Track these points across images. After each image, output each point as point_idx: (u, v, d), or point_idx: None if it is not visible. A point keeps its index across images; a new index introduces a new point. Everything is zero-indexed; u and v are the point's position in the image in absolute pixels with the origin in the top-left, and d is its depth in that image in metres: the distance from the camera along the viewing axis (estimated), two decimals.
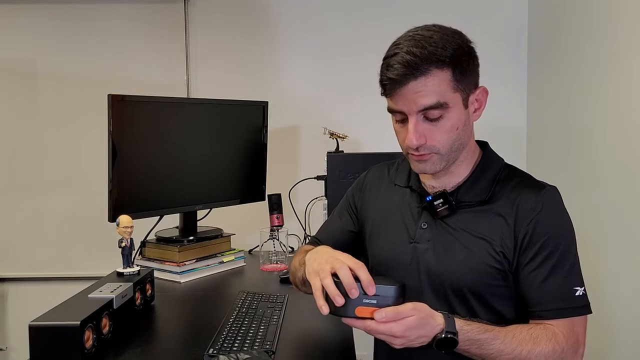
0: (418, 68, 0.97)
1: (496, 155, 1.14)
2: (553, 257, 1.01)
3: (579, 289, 1.02)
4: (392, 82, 1.00)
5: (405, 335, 0.91)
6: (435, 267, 1.07)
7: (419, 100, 0.99)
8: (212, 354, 1.09)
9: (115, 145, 1.58)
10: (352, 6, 2.40)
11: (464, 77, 1.01)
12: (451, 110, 1.01)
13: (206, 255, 1.82)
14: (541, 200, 1.03)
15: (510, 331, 0.98)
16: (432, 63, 0.98)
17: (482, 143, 1.15)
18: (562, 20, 2.08)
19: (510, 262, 1.03)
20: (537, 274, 1.01)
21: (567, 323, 1.00)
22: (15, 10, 2.37)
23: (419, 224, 1.11)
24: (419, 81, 0.98)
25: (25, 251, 2.44)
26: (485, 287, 1.04)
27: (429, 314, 0.94)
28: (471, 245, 1.04)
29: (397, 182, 1.20)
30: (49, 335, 1.03)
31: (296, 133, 2.43)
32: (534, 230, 1.02)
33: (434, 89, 0.98)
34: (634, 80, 1.59)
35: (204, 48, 2.42)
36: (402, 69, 0.98)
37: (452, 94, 1.00)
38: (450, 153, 1.04)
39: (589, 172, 1.86)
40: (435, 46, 0.98)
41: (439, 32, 1.01)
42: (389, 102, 1.05)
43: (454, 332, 0.93)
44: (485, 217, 1.05)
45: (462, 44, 1.02)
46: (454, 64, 0.99)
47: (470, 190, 1.08)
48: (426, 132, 1.01)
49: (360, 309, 0.90)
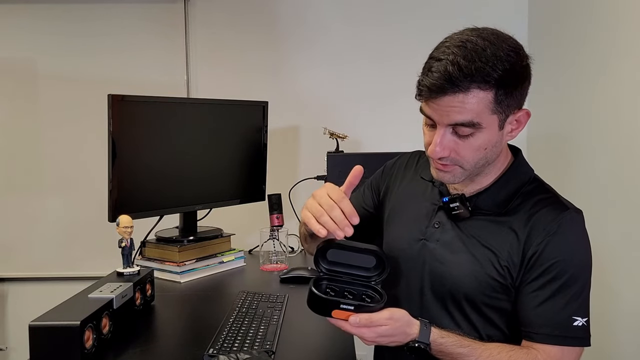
0: (459, 84, 0.90)
1: (526, 165, 1.10)
2: (557, 282, 0.97)
3: (579, 320, 0.97)
4: (429, 90, 0.93)
5: (376, 340, 0.95)
6: (438, 268, 1.06)
7: (451, 115, 0.93)
8: (212, 354, 1.09)
9: (115, 145, 1.58)
10: (353, 7, 2.40)
11: (507, 99, 0.94)
12: (484, 131, 0.95)
13: (206, 255, 1.81)
14: (558, 222, 0.98)
15: (488, 349, 0.97)
16: (476, 82, 0.90)
17: (515, 149, 1.11)
18: (562, 20, 2.08)
19: (514, 278, 1.01)
20: (537, 295, 0.99)
21: (556, 351, 0.97)
22: (15, 10, 2.37)
23: (432, 222, 1.10)
24: (456, 97, 0.91)
25: (25, 251, 2.44)
26: (482, 297, 1.02)
27: (405, 323, 0.95)
28: (477, 254, 1.03)
29: (423, 174, 1.18)
30: (49, 335, 1.03)
31: (296, 133, 2.43)
32: (542, 251, 0.98)
33: (471, 108, 0.92)
34: (634, 80, 1.59)
35: (204, 48, 2.42)
36: (441, 80, 0.91)
37: (489, 115, 0.94)
38: (473, 169, 1.01)
39: (589, 173, 1.86)
40: (484, 62, 0.90)
41: (494, 44, 0.92)
42: (423, 103, 0.99)
43: (426, 343, 0.95)
44: (498, 229, 1.03)
45: (516, 65, 0.94)
46: (500, 85, 0.92)
47: (490, 198, 1.05)
48: (452, 145, 0.97)
49: (337, 312, 0.93)
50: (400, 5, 2.36)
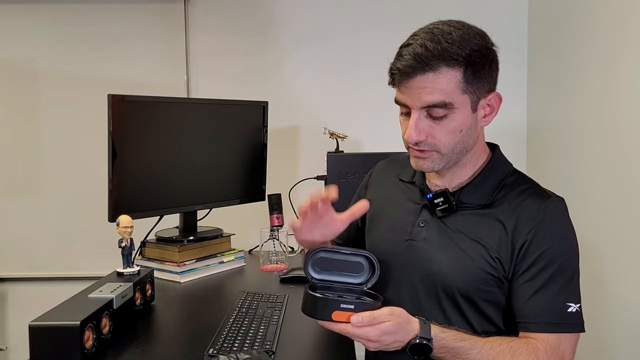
0: (428, 63, 0.95)
1: (505, 159, 1.12)
2: (548, 270, 0.99)
3: (573, 306, 0.99)
4: (400, 72, 0.98)
5: (380, 340, 0.92)
6: (428, 267, 1.06)
7: (423, 97, 0.97)
8: (212, 354, 1.09)
9: (115, 145, 1.58)
10: (352, 8, 2.40)
11: (476, 79, 0.98)
12: (457, 112, 0.98)
13: (206, 255, 1.82)
14: (543, 210, 1.01)
15: (489, 342, 0.97)
16: (443, 60, 0.95)
17: (492, 145, 1.13)
18: (562, 19, 2.08)
19: (506, 270, 1.01)
20: (530, 285, 0.99)
21: (553, 339, 0.98)
22: (15, 10, 2.37)
23: (417, 222, 1.10)
24: (426, 77, 0.96)
25: (25, 251, 2.44)
26: (476, 292, 1.02)
27: (405, 319, 0.94)
28: (467, 248, 1.03)
29: (403, 177, 1.19)
30: (49, 335, 1.03)
31: (296, 133, 2.43)
32: (532, 241, 0.99)
33: (441, 87, 0.96)
34: (634, 79, 1.59)
35: (204, 48, 2.42)
36: (411, 60, 0.96)
37: (459, 95, 0.97)
38: (451, 154, 1.02)
39: (589, 172, 1.86)
40: (451, 43, 0.95)
41: (460, 29, 0.98)
42: (397, 92, 1.03)
43: (428, 338, 0.93)
44: (485, 222, 1.04)
45: (482, 46, 0.98)
46: (467, 64, 0.96)
47: (472, 192, 1.07)
48: (427, 129, 1.00)
49: (337, 314, 0.91)
50: (400, 7, 2.36)
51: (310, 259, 1.00)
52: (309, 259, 1.00)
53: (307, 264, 1.00)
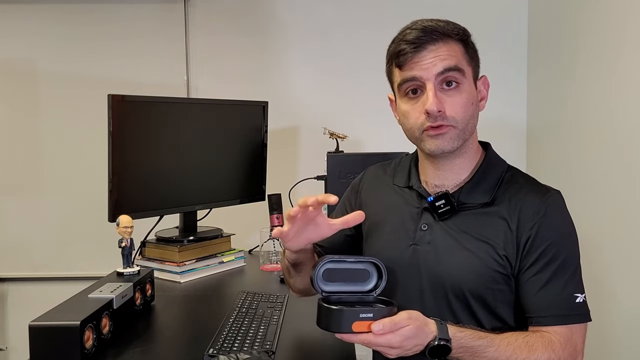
0: (438, 35, 1.01)
1: (498, 156, 1.13)
2: (554, 263, 1.00)
3: (580, 296, 1.00)
4: (411, 45, 1.01)
5: (403, 345, 0.90)
6: (436, 270, 1.05)
7: (438, 63, 1.00)
8: (212, 354, 1.09)
9: (115, 145, 1.58)
10: (352, 8, 2.40)
11: (472, 57, 1.05)
12: (466, 82, 1.02)
13: (206, 255, 1.82)
14: (545, 204, 1.02)
15: (505, 338, 0.97)
16: (449, 35, 1.02)
17: (484, 144, 1.14)
18: (562, 19, 2.09)
19: (513, 266, 1.02)
20: (537, 279, 1.00)
21: (565, 331, 0.99)
22: (15, 10, 2.37)
23: (419, 226, 1.09)
24: (438, 45, 1.01)
25: (25, 251, 2.44)
26: (487, 291, 1.02)
27: (423, 322, 0.93)
28: (474, 248, 1.03)
29: (396, 182, 1.18)
30: (49, 335, 1.03)
31: (296, 133, 2.43)
32: (536, 235, 1.00)
33: (453, 54, 1.01)
34: (634, 78, 1.59)
35: (204, 48, 2.42)
36: (421, 34, 1.01)
37: (467, 64, 1.03)
38: (465, 131, 1.03)
39: (589, 170, 1.86)
40: (446, 24, 1.03)
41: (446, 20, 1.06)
42: (401, 74, 1.04)
43: (447, 339, 0.92)
44: (488, 220, 1.04)
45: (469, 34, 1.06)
46: (466, 43, 1.04)
47: (472, 191, 1.07)
48: (443, 101, 1.01)
49: (357, 324, 0.89)
50: (400, 7, 2.36)
51: (317, 271, 0.97)
52: (316, 272, 0.97)
53: (316, 277, 0.97)
